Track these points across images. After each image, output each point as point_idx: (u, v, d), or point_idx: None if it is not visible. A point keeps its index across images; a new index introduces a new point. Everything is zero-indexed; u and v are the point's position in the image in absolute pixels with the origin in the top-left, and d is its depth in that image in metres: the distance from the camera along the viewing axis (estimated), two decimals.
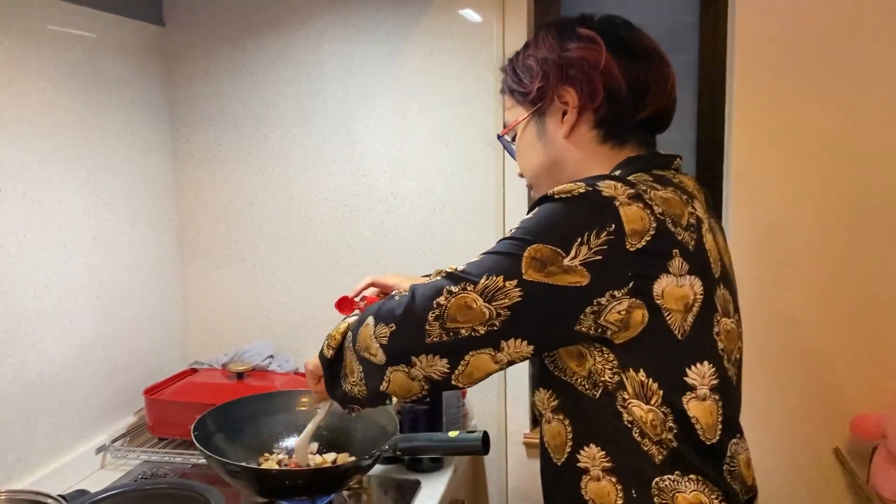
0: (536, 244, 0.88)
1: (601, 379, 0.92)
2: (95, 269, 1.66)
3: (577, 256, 0.87)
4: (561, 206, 0.90)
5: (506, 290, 0.88)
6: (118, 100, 1.73)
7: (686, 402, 0.91)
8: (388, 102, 1.83)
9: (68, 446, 1.58)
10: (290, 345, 1.97)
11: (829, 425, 1.70)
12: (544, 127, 1.04)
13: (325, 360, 1.07)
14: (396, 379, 0.96)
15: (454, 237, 1.84)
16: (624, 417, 0.92)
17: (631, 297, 0.88)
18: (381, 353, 0.96)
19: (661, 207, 0.91)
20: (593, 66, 0.99)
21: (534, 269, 0.88)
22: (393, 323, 0.95)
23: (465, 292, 0.90)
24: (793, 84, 1.62)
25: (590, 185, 0.90)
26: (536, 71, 1.03)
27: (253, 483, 1.29)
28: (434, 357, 0.93)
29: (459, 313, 0.90)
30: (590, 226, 0.87)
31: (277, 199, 1.94)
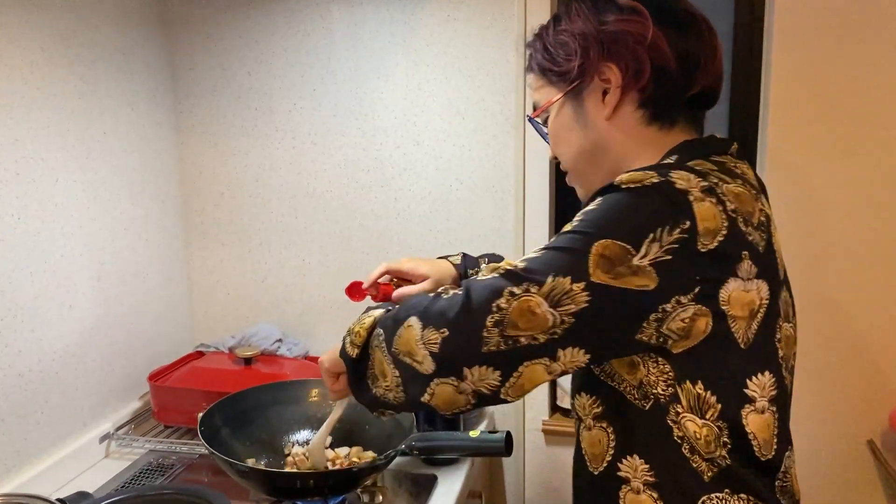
0: (605, 239, 0.79)
1: (653, 391, 0.85)
2: (95, 250, 1.57)
3: (647, 255, 0.78)
4: (630, 197, 0.81)
5: (572, 293, 0.79)
6: (116, 71, 1.63)
7: (745, 415, 0.84)
8: (402, 73, 1.72)
9: (71, 436, 1.51)
10: (299, 327, 1.90)
11: (863, 417, 1.62)
12: (582, 108, 0.95)
13: (349, 359, 0.96)
14: (442, 392, 0.85)
15: (471, 215, 1.75)
16: (674, 433, 0.85)
17: (696, 304, 0.80)
18: (428, 362, 0.84)
19: (733, 204, 0.82)
20: (639, 39, 0.89)
21: (602, 269, 0.78)
22: (445, 328, 0.83)
23: (529, 295, 0.80)
24: (836, 52, 1.51)
25: (662, 175, 0.81)
26: (573, 47, 0.93)
27: (263, 483, 1.22)
28: (488, 369, 0.82)
29: (521, 319, 0.80)
30: (662, 221, 0.78)
31: (285, 175, 1.84)
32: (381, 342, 0.91)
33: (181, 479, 1.46)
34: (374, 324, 0.94)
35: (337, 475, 1.23)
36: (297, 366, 1.70)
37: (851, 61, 1.50)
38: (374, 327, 0.94)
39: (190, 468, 1.50)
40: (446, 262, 1.27)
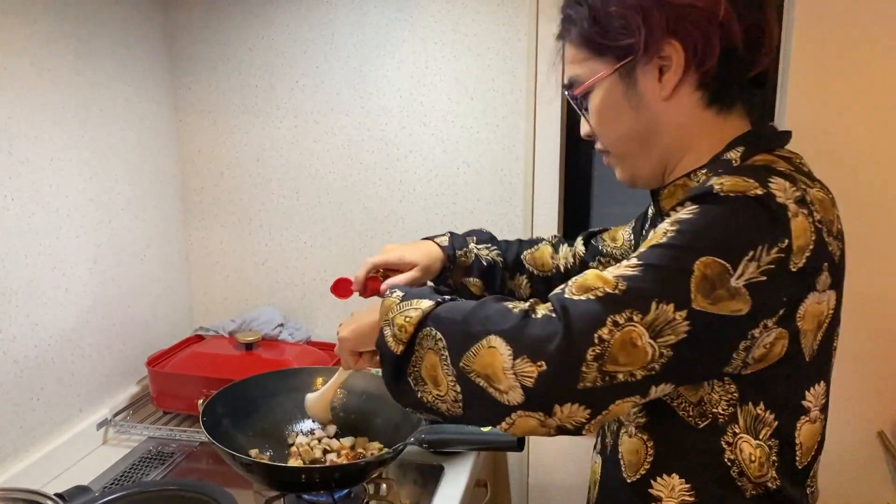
0: (706, 256, 0.72)
1: (712, 410, 0.81)
2: (91, 232, 1.52)
3: (743, 275, 0.72)
4: (732, 208, 0.74)
5: (674, 323, 0.72)
6: (114, 45, 1.57)
7: (799, 427, 0.81)
8: (408, 50, 1.67)
9: (67, 423, 1.47)
10: (300, 311, 1.86)
11: (874, 407, 1.60)
12: (636, 86, 0.85)
13: (391, 354, 0.85)
14: (524, 424, 0.76)
15: (478, 200, 1.71)
16: (726, 455, 0.81)
17: (779, 327, 0.75)
18: (517, 394, 0.74)
19: (819, 213, 0.77)
20: (709, 16, 0.80)
21: (703, 293, 0.72)
22: (544, 361, 0.73)
23: (632, 325, 0.72)
24: (861, 23, 1.46)
25: (763, 186, 0.74)
26: (633, 21, 0.82)
27: (267, 476, 1.19)
28: (579, 406, 0.74)
29: (622, 353, 0.72)
30: (763, 239, 0.72)
31: (286, 154, 1.79)
32: (441, 349, 0.81)
33: (181, 468, 1.42)
34: (424, 318, 0.84)
35: (343, 469, 1.20)
36: (299, 351, 1.66)
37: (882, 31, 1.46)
38: (422, 322, 0.84)
39: (190, 457, 1.46)
40: (432, 245, 1.21)
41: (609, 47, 0.85)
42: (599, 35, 0.85)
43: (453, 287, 1.22)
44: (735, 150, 0.85)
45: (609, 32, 0.84)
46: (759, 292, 0.72)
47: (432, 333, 0.82)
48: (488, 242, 1.25)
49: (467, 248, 1.22)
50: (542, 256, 1.24)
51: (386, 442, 1.33)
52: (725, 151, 0.85)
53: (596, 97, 0.89)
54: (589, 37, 0.87)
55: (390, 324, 0.86)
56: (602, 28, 0.85)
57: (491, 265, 1.22)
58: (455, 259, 1.20)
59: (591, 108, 0.90)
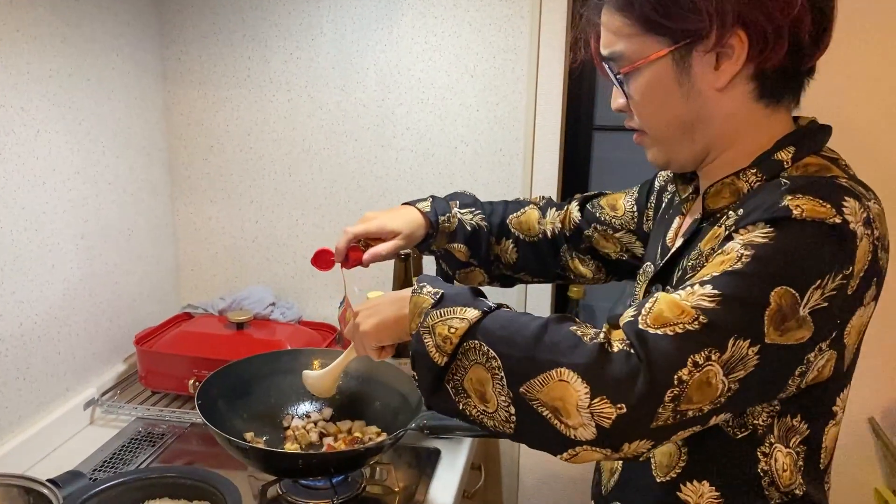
0: (780, 286, 0.70)
1: (753, 422, 0.80)
2: (78, 206, 1.47)
3: (809, 303, 0.70)
4: (810, 236, 0.71)
5: (746, 358, 0.70)
6: (101, 12, 1.50)
7: (827, 430, 0.81)
8: (408, 24, 1.62)
9: (53, 402, 1.43)
10: (290, 290, 1.83)
11: (866, 394, 1.61)
12: (689, 71, 0.81)
13: (433, 365, 0.79)
14: (587, 457, 0.73)
15: (476, 180, 1.68)
16: (760, 465, 0.80)
17: (830, 349, 0.74)
18: (588, 431, 0.71)
19: (879, 230, 0.75)
20: (784, 9, 0.76)
21: (774, 326, 0.69)
22: (624, 404, 0.69)
23: (710, 364, 0.69)
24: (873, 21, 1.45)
25: (839, 212, 0.71)
26: (704, 6, 0.76)
27: (264, 461, 1.16)
28: (646, 442, 0.71)
29: (697, 393, 0.70)
30: (831, 267, 0.71)
31: (279, 129, 1.74)
32: (496, 368, 0.75)
33: (172, 450, 1.39)
34: (471, 329, 0.78)
35: (342, 455, 1.18)
36: (291, 331, 1.63)
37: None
38: (471, 333, 0.78)
39: (181, 438, 1.43)
40: (414, 212, 1.18)
41: (666, 28, 0.80)
42: (659, 14, 0.79)
43: (438, 254, 1.20)
44: (785, 150, 0.82)
45: (671, 13, 0.79)
46: (819, 318, 0.71)
47: (482, 349, 0.76)
48: (472, 206, 1.21)
49: (450, 212, 1.18)
50: (529, 221, 1.22)
51: (383, 426, 1.31)
52: (775, 151, 0.82)
53: (643, 77, 0.83)
54: (645, 13, 0.80)
55: (430, 332, 0.79)
56: (664, 7, 0.79)
57: (476, 230, 1.19)
58: (438, 226, 1.17)
59: (634, 88, 0.85)
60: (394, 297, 0.91)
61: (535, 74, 1.58)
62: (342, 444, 1.27)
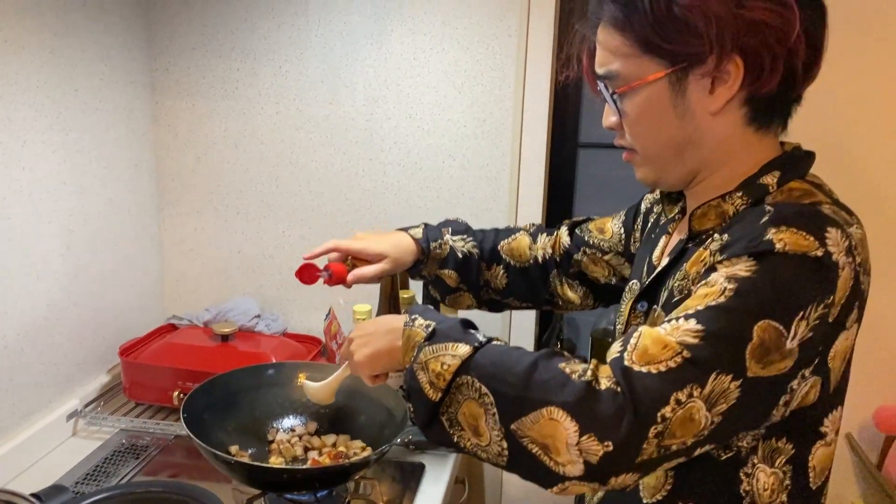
0: (764, 321, 0.71)
1: (738, 443, 0.81)
2: (64, 217, 1.47)
3: (797, 336, 0.71)
4: (792, 269, 0.72)
5: (728, 391, 0.71)
6: (90, 22, 1.51)
7: (814, 450, 0.82)
8: (397, 40, 1.64)
9: (36, 414, 1.42)
10: (276, 302, 1.83)
11: (844, 411, 1.63)
12: (685, 94, 0.81)
13: (428, 401, 0.80)
14: (576, 490, 0.75)
15: (462, 194, 1.69)
16: (742, 486, 0.82)
17: (814, 375, 0.75)
18: (576, 468, 0.72)
19: (860, 256, 0.76)
20: (781, 38, 0.77)
21: (756, 359, 0.71)
22: (610, 442, 0.70)
23: (692, 401, 0.70)
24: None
25: (823, 244, 0.73)
26: (704, 31, 0.76)
27: (249, 476, 1.16)
28: (633, 475, 0.73)
29: (680, 428, 0.71)
30: (815, 298, 0.72)
31: (266, 142, 1.75)
32: (489, 404, 0.76)
33: (156, 462, 1.39)
34: (462, 366, 0.79)
35: (327, 470, 1.18)
36: (276, 344, 1.63)
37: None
38: (465, 369, 0.79)
39: (165, 451, 1.43)
40: (404, 237, 1.18)
41: (665, 50, 0.80)
42: (659, 37, 0.79)
43: (428, 279, 1.21)
44: (771, 174, 0.83)
45: (671, 35, 0.79)
46: (804, 348, 0.72)
47: (475, 385, 0.78)
48: (464, 233, 1.22)
49: (442, 239, 1.19)
50: (520, 247, 1.23)
51: (368, 440, 1.32)
52: (760, 175, 0.84)
53: (638, 97, 0.84)
54: (645, 34, 0.80)
55: (424, 368, 0.81)
56: (662, 29, 0.79)
57: (467, 256, 1.19)
58: (429, 252, 1.18)
59: (629, 107, 0.85)
60: (386, 326, 0.92)
61: (522, 91, 1.60)
62: (327, 459, 1.27)
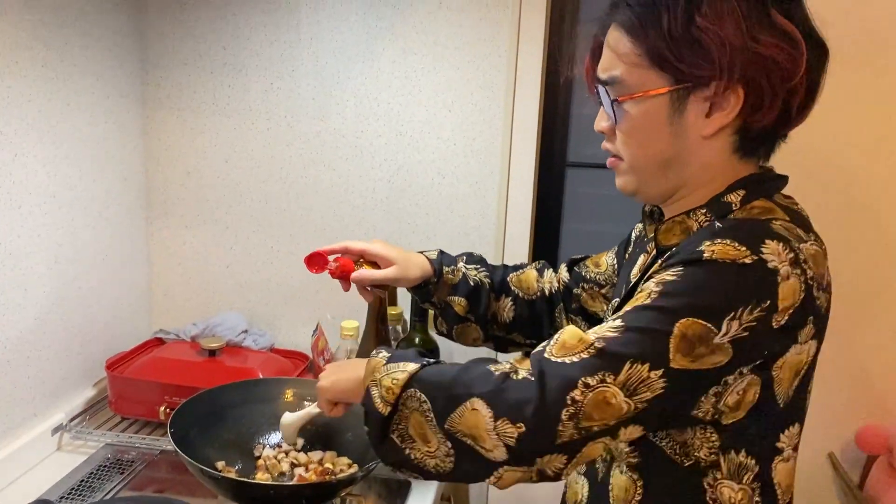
0: (688, 319, 0.74)
1: (695, 454, 0.83)
2: (53, 230, 1.47)
3: (728, 333, 0.74)
4: (720, 274, 0.76)
5: (649, 381, 0.75)
6: (82, 36, 1.51)
7: (774, 467, 0.84)
8: (388, 59, 1.65)
9: (21, 427, 1.41)
10: (264, 317, 1.83)
11: (827, 430, 1.65)
12: (682, 113, 0.83)
13: (378, 416, 0.85)
14: (510, 477, 0.80)
15: (452, 212, 1.71)
16: (708, 495, 0.84)
17: (752, 374, 0.78)
18: (500, 451, 0.78)
19: (811, 270, 0.79)
20: (785, 77, 0.79)
21: (682, 352, 0.74)
22: (522, 423, 0.77)
23: (605, 385, 0.75)
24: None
25: (755, 253, 0.75)
26: (716, 56, 0.78)
27: (236, 492, 1.16)
28: (558, 455, 0.78)
29: (596, 410, 0.76)
30: (746, 301, 0.74)
31: (257, 157, 1.76)
32: (427, 411, 0.82)
33: (142, 477, 1.38)
34: (409, 380, 0.85)
35: (314, 487, 1.18)
36: (263, 359, 1.63)
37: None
38: (409, 384, 0.84)
39: (151, 466, 1.43)
40: (418, 254, 1.20)
41: (674, 67, 0.81)
42: (671, 51, 0.80)
43: (438, 305, 1.21)
44: (736, 192, 0.86)
45: (683, 55, 0.80)
46: (740, 346, 0.75)
47: (417, 395, 0.83)
48: (478, 263, 1.24)
49: (456, 266, 1.20)
50: (528, 280, 1.24)
51: (355, 458, 1.32)
52: (726, 193, 0.86)
53: (637, 108, 0.85)
54: (657, 47, 0.81)
55: (377, 384, 0.86)
56: (676, 46, 0.80)
57: (478, 285, 1.20)
58: (441, 275, 1.19)
59: (625, 116, 0.86)
60: (357, 362, 0.97)
61: (511, 111, 1.62)
62: (313, 475, 1.27)
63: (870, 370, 1.62)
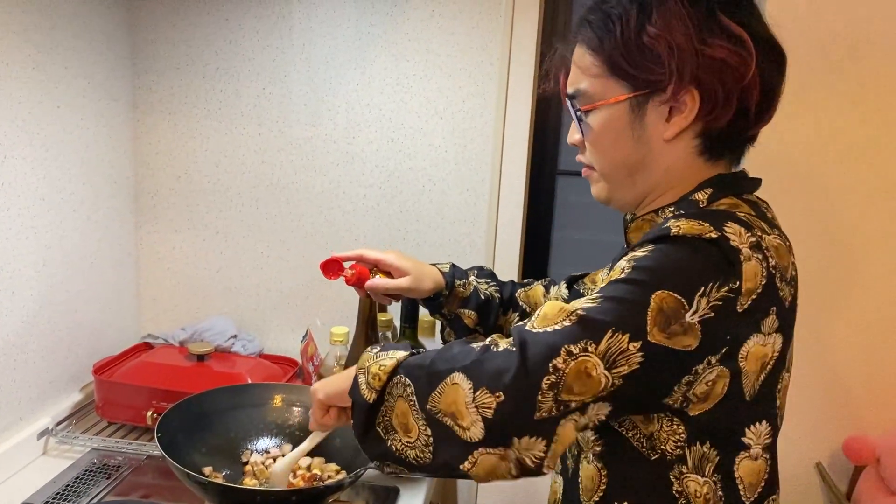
0: (662, 290, 0.75)
1: (661, 447, 0.83)
2: (41, 233, 1.46)
3: (697, 311, 0.75)
4: (687, 249, 0.77)
5: (628, 353, 0.74)
6: (74, 39, 1.51)
7: (738, 461, 0.84)
8: (380, 66, 1.66)
9: (6, 431, 1.40)
10: (252, 323, 1.82)
11: (814, 439, 1.66)
12: (643, 119, 0.87)
13: (364, 403, 0.84)
14: (486, 461, 0.77)
15: (442, 218, 1.71)
16: (674, 488, 0.84)
17: (721, 365, 0.78)
18: (477, 428, 0.76)
19: (774, 259, 0.80)
20: (737, 78, 0.82)
21: (658, 326, 0.74)
22: (501, 392, 0.75)
23: (587, 355, 0.74)
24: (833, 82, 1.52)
25: (718, 230, 0.77)
26: (666, 60, 0.82)
27: (222, 497, 1.15)
28: (535, 439, 0.75)
29: (577, 382, 0.74)
30: (714, 277, 0.75)
31: (248, 163, 1.76)
32: (410, 394, 0.82)
33: (128, 482, 1.37)
34: (397, 367, 0.84)
35: (301, 493, 1.17)
36: (252, 365, 1.63)
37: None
38: (395, 370, 0.84)
39: (137, 471, 1.41)
40: (431, 267, 1.21)
41: (630, 75, 0.85)
42: (625, 60, 0.85)
43: (448, 316, 1.22)
44: (703, 191, 0.88)
45: (636, 62, 0.84)
46: (707, 328, 0.75)
47: (402, 381, 0.83)
48: (488, 278, 1.25)
49: (467, 279, 1.22)
50: (536, 295, 1.26)
51: (343, 464, 1.31)
52: (695, 192, 0.88)
53: (600, 116, 0.89)
54: (613, 57, 0.86)
55: (365, 372, 0.86)
56: (629, 54, 0.84)
57: (488, 299, 1.22)
58: (453, 287, 1.20)
59: (591, 126, 0.90)
60: (351, 369, 0.94)
61: (503, 119, 1.63)
62: (301, 481, 1.27)
63: (856, 381, 1.63)
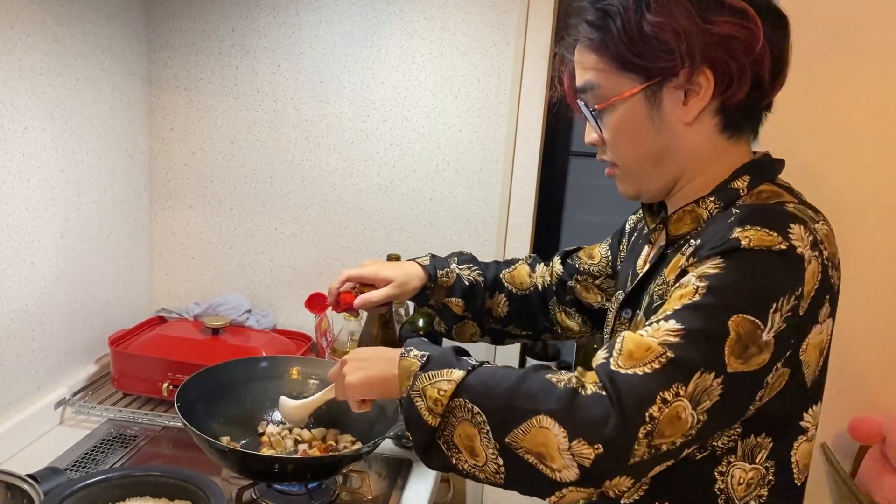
0: (738, 315, 0.74)
1: (713, 443, 0.83)
2: (60, 205, 1.47)
3: (772, 328, 0.75)
4: (759, 263, 0.76)
5: (710, 389, 0.74)
6: (93, 14, 1.52)
7: (796, 446, 0.85)
8: (396, 44, 1.66)
9: (24, 401, 1.42)
10: (265, 298, 1.84)
11: (820, 420, 1.67)
12: (660, 107, 0.86)
13: (427, 427, 0.82)
14: (573, 497, 0.77)
15: (455, 198, 1.72)
16: (717, 484, 0.84)
17: (784, 367, 0.79)
18: (571, 472, 0.75)
19: (827, 251, 0.80)
20: (746, 50, 0.81)
21: (735, 355, 0.74)
22: (600, 444, 0.73)
23: (678, 399, 0.73)
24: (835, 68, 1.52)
25: (786, 239, 0.76)
26: (675, 47, 0.81)
27: (241, 464, 1.17)
28: (625, 478, 0.75)
29: (669, 427, 0.74)
30: (784, 290, 0.75)
31: (263, 139, 1.77)
32: (481, 423, 0.79)
33: (145, 452, 1.39)
34: (457, 390, 0.81)
35: (319, 461, 1.20)
36: (266, 339, 1.64)
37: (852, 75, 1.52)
38: (456, 393, 0.81)
39: (153, 441, 1.43)
40: (412, 264, 1.22)
41: (640, 66, 0.85)
42: (632, 53, 0.84)
43: (436, 307, 1.23)
44: (741, 178, 0.88)
45: (643, 52, 0.83)
46: (779, 340, 0.76)
47: (467, 405, 0.80)
48: (469, 263, 1.26)
49: (448, 268, 1.22)
50: (520, 275, 1.26)
51: (358, 435, 1.33)
52: (732, 180, 0.88)
53: (616, 113, 0.88)
54: (620, 52, 0.85)
55: (421, 395, 0.83)
56: (635, 46, 0.83)
57: (472, 284, 1.23)
58: (437, 279, 1.21)
59: (608, 123, 0.90)
60: (384, 355, 0.94)
61: (518, 99, 1.63)
62: (317, 452, 1.29)
63: (862, 361, 1.64)
